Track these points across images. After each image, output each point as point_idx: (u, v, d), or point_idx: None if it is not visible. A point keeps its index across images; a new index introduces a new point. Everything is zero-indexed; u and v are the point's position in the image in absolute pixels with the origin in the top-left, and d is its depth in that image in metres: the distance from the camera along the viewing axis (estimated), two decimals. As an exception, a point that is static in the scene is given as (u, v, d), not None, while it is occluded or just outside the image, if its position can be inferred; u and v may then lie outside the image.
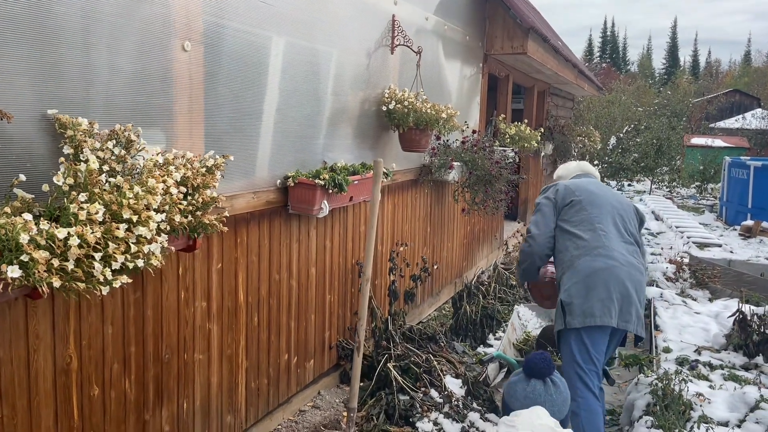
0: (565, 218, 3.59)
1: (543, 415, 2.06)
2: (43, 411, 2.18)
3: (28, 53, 1.96)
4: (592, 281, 3.32)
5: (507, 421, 2.11)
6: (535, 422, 2.02)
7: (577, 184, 3.71)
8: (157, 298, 2.63)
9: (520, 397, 2.15)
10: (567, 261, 3.48)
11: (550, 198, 3.68)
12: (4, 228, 1.59)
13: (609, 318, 3.25)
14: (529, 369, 2.16)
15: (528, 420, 2.04)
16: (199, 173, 2.27)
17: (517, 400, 2.15)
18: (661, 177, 20.25)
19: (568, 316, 3.30)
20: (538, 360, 2.17)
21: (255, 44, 3.04)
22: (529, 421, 2.03)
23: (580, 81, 10.23)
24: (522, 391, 2.13)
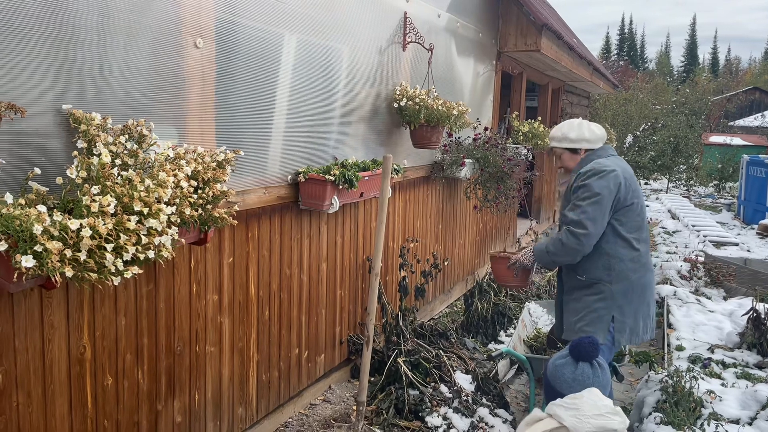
0: (622, 220, 3.24)
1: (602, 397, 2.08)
2: (58, 399, 2.23)
3: (44, 50, 2.01)
4: (642, 298, 3.31)
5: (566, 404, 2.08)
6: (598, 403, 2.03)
7: (628, 177, 3.29)
8: (170, 291, 2.68)
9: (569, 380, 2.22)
10: (620, 271, 3.24)
11: (611, 190, 3.18)
12: (18, 219, 1.64)
13: (646, 334, 3.37)
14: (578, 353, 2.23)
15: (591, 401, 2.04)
16: (209, 168, 2.31)
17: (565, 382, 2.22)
18: (678, 175, 20.07)
19: (618, 333, 3.24)
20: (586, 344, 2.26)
21: (266, 41, 3.08)
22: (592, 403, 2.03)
23: (595, 78, 10.18)
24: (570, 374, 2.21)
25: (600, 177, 3.18)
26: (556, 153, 3.53)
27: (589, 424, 1.92)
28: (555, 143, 3.48)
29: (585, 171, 3.25)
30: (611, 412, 2.00)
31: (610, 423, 1.94)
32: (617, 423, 1.96)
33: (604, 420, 1.93)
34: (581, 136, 3.37)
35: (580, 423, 1.95)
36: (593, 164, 3.28)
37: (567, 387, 2.19)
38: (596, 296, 3.29)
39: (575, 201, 3.24)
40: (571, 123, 3.44)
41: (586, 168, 3.28)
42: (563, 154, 3.48)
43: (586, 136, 3.37)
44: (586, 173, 3.24)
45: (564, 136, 3.42)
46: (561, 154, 3.49)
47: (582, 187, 3.22)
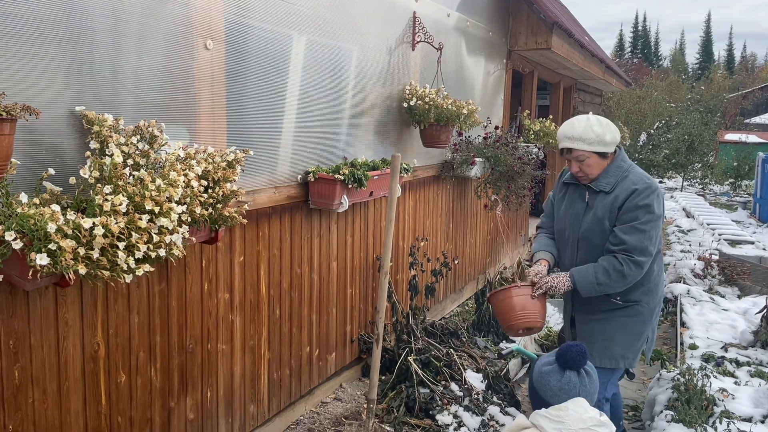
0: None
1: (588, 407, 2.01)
2: (73, 396, 2.27)
3: (58, 52, 2.05)
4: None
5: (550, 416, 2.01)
6: (584, 416, 1.96)
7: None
8: (181, 290, 2.72)
9: (554, 389, 2.14)
10: (653, 287, 3.01)
11: (661, 211, 2.88)
12: (33, 218, 1.68)
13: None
14: (565, 361, 2.12)
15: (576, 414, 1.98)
16: (219, 167, 2.35)
17: (550, 390, 2.14)
18: (693, 174, 19.90)
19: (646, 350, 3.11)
20: (573, 352, 2.11)
21: (276, 42, 3.11)
22: (577, 416, 1.96)
23: (607, 76, 10.13)
24: (557, 382, 2.12)
25: (658, 195, 2.85)
26: (579, 157, 2.89)
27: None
28: (583, 146, 2.86)
29: (642, 187, 2.81)
30: (597, 425, 1.94)
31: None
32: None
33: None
34: (615, 139, 2.90)
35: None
36: (640, 176, 2.88)
37: (552, 395, 2.12)
38: (633, 318, 2.98)
39: (637, 225, 2.79)
40: (599, 121, 2.90)
41: (640, 182, 2.84)
42: (590, 158, 2.88)
43: (617, 138, 2.93)
44: (646, 190, 2.81)
45: (599, 139, 2.84)
46: (587, 159, 2.88)
47: (644, 208, 2.80)
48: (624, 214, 2.83)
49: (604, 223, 2.88)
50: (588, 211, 2.95)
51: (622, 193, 2.85)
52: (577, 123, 2.89)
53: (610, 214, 2.87)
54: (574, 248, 3.02)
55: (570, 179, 3.08)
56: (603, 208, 2.89)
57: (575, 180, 3.03)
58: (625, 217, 2.83)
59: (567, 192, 3.11)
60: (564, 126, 2.95)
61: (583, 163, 2.91)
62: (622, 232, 2.82)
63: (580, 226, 2.98)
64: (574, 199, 3.04)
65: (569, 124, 2.93)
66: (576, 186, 3.05)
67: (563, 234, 3.09)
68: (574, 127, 2.88)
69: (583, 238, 2.96)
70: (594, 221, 2.91)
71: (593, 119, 2.90)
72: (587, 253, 2.96)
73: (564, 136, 2.92)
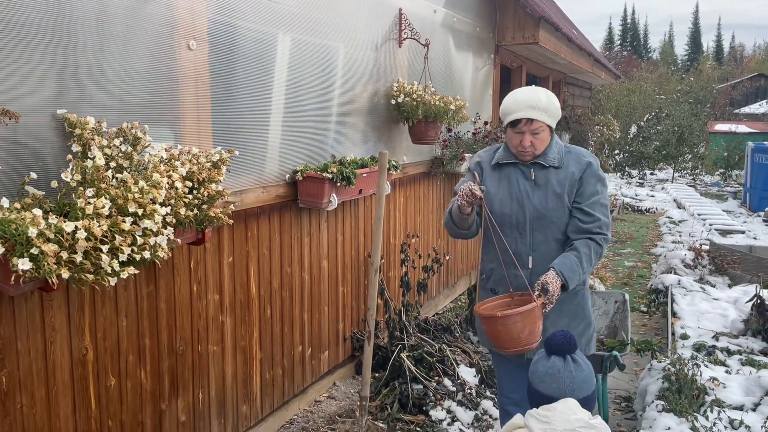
0: None
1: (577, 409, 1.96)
2: (62, 400, 2.26)
3: (39, 55, 2.04)
4: None
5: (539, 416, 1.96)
6: (571, 417, 1.91)
7: None
8: (170, 292, 2.71)
9: (541, 374, 2.14)
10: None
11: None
12: (14, 223, 1.66)
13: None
14: (549, 346, 2.16)
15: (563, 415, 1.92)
16: (204, 168, 2.34)
17: (537, 376, 2.15)
18: (683, 165, 19.99)
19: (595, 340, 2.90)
20: (558, 337, 2.14)
21: (261, 41, 3.10)
22: (564, 417, 1.91)
23: (596, 69, 10.15)
24: (543, 367, 2.13)
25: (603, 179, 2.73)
26: (537, 129, 2.59)
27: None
28: (546, 117, 2.59)
29: (594, 161, 2.71)
30: (584, 426, 1.89)
31: None
32: None
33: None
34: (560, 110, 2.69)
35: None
36: (582, 150, 2.76)
37: (539, 381, 2.11)
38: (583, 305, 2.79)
39: (601, 200, 2.67)
40: (546, 91, 2.65)
41: (588, 156, 2.72)
42: (545, 132, 2.62)
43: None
44: (596, 163, 2.71)
45: (557, 112, 2.63)
46: (542, 132, 2.61)
47: (601, 180, 2.69)
48: (585, 189, 2.64)
49: (564, 200, 2.64)
50: (537, 188, 2.66)
51: (577, 167, 2.65)
52: (541, 93, 2.60)
53: (570, 189, 2.64)
54: (526, 231, 2.67)
55: (506, 158, 2.71)
56: (560, 184, 2.64)
57: (512, 158, 2.70)
58: (588, 192, 2.64)
59: (502, 174, 2.73)
60: (523, 95, 2.59)
61: (538, 137, 2.60)
62: (591, 208, 2.63)
63: (532, 205, 2.65)
64: (516, 179, 2.69)
65: (531, 93, 2.59)
66: (513, 165, 2.70)
67: (507, 218, 2.69)
68: (539, 97, 2.56)
69: (537, 217, 2.65)
70: (552, 198, 2.64)
71: (539, 89, 2.63)
72: (545, 234, 2.67)
73: (527, 105, 2.55)
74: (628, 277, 7.54)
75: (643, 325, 5.79)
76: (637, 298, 6.58)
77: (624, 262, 8.38)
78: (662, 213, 12.75)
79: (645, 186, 18.31)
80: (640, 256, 8.77)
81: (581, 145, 10.66)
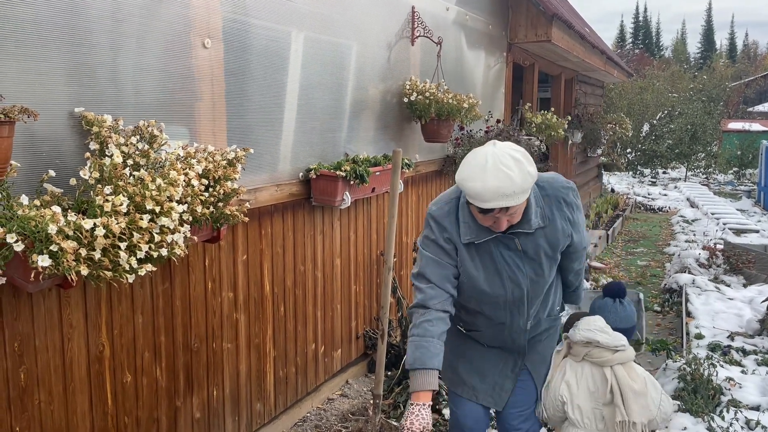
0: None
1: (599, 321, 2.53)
2: (79, 397, 2.28)
3: (57, 54, 2.05)
4: None
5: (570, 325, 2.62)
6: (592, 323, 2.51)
7: None
8: (185, 289, 2.72)
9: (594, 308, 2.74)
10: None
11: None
12: (34, 220, 1.68)
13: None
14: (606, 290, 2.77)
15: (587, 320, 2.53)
16: (220, 166, 2.34)
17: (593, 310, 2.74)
18: (696, 163, 19.84)
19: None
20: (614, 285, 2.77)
21: (275, 39, 3.10)
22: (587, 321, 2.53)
23: (608, 67, 10.09)
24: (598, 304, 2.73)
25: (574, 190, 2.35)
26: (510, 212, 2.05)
27: (580, 335, 2.45)
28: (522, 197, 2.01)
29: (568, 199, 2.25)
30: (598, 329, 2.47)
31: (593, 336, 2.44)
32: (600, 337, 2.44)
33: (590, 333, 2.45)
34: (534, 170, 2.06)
35: (574, 333, 2.48)
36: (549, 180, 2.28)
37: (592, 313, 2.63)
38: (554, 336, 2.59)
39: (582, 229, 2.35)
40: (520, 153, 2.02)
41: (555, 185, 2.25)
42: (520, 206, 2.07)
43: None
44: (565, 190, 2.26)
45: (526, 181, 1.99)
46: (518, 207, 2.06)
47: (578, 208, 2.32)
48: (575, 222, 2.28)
49: (557, 258, 2.29)
50: (528, 259, 2.22)
51: (561, 209, 2.23)
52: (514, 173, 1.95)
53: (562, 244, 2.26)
54: (524, 306, 2.30)
55: (480, 236, 2.17)
56: (552, 246, 2.22)
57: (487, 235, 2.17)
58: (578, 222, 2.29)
59: (477, 251, 2.20)
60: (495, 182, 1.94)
61: (513, 215, 2.09)
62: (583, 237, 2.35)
63: (527, 280, 2.24)
64: (500, 254, 2.20)
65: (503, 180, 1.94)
66: (493, 239, 2.19)
67: (501, 298, 2.27)
68: (513, 182, 1.95)
69: (533, 288, 2.27)
70: (545, 263, 2.24)
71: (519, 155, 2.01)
72: (539, 303, 2.34)
73: (500, 195, 1.95)
74: (641, 277, 7.49)
75: (657, 324, 5.75)
76: (650, 297, 6.54)
77: (637, 261, 8.32)
78: (675, 212, 12.66)
79: (657, 185, 18.19)
80: (653, 255, 8.71)
81: (593, 144, 10.61)
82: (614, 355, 2.45)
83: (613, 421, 2.41)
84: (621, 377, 2.43)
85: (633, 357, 2.52)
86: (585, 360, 2.47)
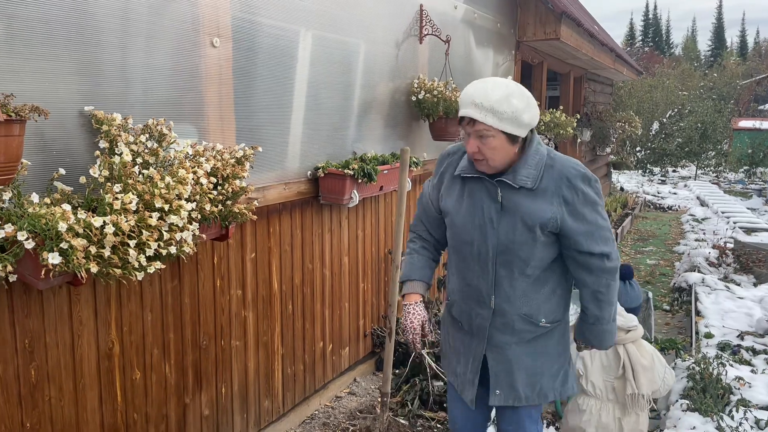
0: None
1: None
2: (88, 393, 2.30)
3: (67, 53, 2.07)
4: None
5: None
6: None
7: None
8: (194, 287, 2.73)
9: None
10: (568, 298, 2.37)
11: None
12: (44, 218, 1.69)
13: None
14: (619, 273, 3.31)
15: None
16: (228, 164, 2.35)
17: None
18: (707, 162, 19.71)
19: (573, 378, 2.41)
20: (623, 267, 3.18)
21: (283, 38, 3.11)
22: None
23: (618, 65, 10.04)
24: None
25: (595, 181, 2.15)
26: (481, 132, 2.02)
27: None
28: (492, 119, 1.99)
29: (584, 175, 2.12)
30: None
31: None
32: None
33: None
34: (533, 121, 2.06)
35: None
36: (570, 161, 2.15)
37: None
38: (561, 340, 2.32)
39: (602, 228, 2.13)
40: (522, 92, 2.04)
41: (578, 167, 2.13)
42: (495, 139, 2.02)
43: (534, 122, 2.08)
44: (588, 179, 2.13)
45: (514, 115, 1.99)
46: (490, 138, 2.02)
47: (596, 204, 2.14)
48: (576, 213, 2.10)
49: (536, 232, 2.10)
50: (504, 215, 2.12)
51: (554, 187, 2.09)
52: (493, 88, 1.99)
53: (550, 222, 2.09)
54: (488, 266, 2.18)
55: (468, 171, 2.18)
56: (532, 215, 2.09)
57: (475, 171, 2.16)
58: (582, 215, 2.10)
59: (465, 188, 2.21)
60: (473, 87, 2.03)
61: (485, 143, 2.03)
62: (591, 239, 2.11)
63: (497, 236, 2.13)
64: (481, 199, 2.16)
65: (482, 86, 2.01)
66: (479, 180, 2.17)
67: (468, 247, 2.21)
68: (487, 92, 1.98)
69: (502, 251, 2.14)
70: (520, 229, 2.11)
71: (514, 87, 2.02)
72: (509, 270, 2.17)
73: (470, 101, 2.00)
74: (650, 275, 7.45)
75: (666, 324, 5.73)
76: (659, 296, 6.51)
77: (646, 260, 8.28)
78: (685, 210, 12.60)
79: (667, 183, 18.09)
80: (663, 254, 8.67)
81: (602, 142, 10.55)
82: (627, 335, 2.77)
83: (623, 393, 2.72)
84: (632, 354, 2.74)
85: (642, 335, 2.82)
86: None
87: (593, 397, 2.80)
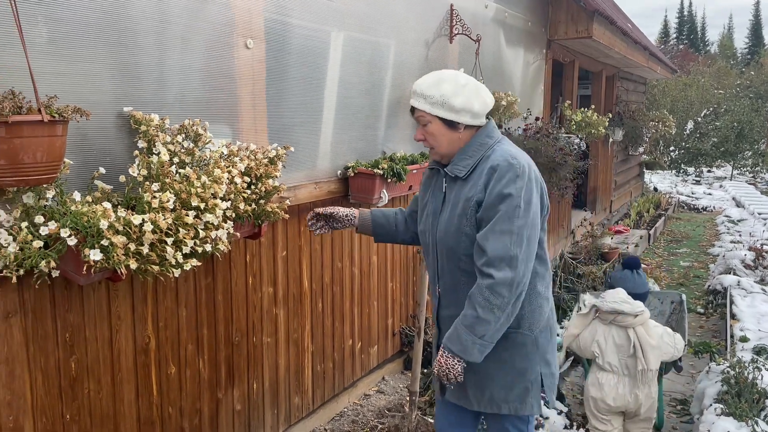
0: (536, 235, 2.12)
1: (622, 293, 3.32)
2: (125, 386, 2.36)
3: (106, 55, 2.13)
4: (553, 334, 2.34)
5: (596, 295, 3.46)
6: (616, 296, 3.29)
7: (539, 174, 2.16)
8: (227, 284, 2.79)
9: (615, 278, 3.65)
10: (538, 307, 2.19)
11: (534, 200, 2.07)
12: (86, 215, 1.75)
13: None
14: (625, 263, 3.68)
15: (612, 293, 3.33)
16: (261, 164, 2.40)
17: (614, 279, 3.67)
18: (743, 162, 19.27)
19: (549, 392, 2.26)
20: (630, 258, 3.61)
21: (315, 39, 3.15)
22: (612, 293, 3.32)
23: (651, 64, 9.88)
24: (618, 274, 3.68)
25: (525, 177, 2.02)
26: (421, 119, 2.15)
27: (608, 306, 3.22)
28: (424, 104, 2.11)
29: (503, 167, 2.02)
30: (623, 301, 3.25)
31: (620, 307, 3.20)
32: (625, 307, 3.21)
33: (617, 305, 3.21)
34: (467, 106, 2.07)
35: (602, 304, 3.25)
36: (504, 154, 2.07)
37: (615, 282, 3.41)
38: (512, 351, 2.17)
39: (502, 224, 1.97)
40: (456, 79, 2.09)
41: (501, 161, 2.04)
42: (432, 124, 2.12)
43: (475, 108, 2.08)
44: (507, 172, 2.01)
45: (443, 100, 2.06)
46: (429, 123, 2.13)
47: (506, 198, 1.99)
48: (485, 210, 2.02)
49: (461, 224, 2.08)
50: (447, 204, 2.17)
51: (479, 179, 2.06)
52: (428, 76, 2.13)
53: (468, 211, 2.06)
54: (435, 257, 2.21)
55: (432, 163, 2.29)
56: (460, 204, 2.10)
57: (434, 163, 2.27)
58: (486, 215, 2.02)
59: (431, 180, 2.31)
60: (423, 77, 2.18)
61: (426, 130, 2.13)
62: (483, 238, 2.00)
63: (437, 226, 2.18)
64: (435, 189, 2.25)
65: (425, 77, 2.16)
66: (437, 171, 2.26)
67: (423, 237, 2.29)
68: (422, 80, 2.13)
69: (440, 241, 2.16)
70: (453, 219, 2.11)
71: (448, 74, 2.11)
72: (449, 262, 2.16)
73: (413, 90, 2.16)
74: (683, 278, 7.33)
75: (700, 326, 5.63)
76: (693, 299, 6.40)
77: (680, 262, 8.15)
78: (720, 212, 12.34)
79: (702, 184, 17.74)
80: (697, 256, 8.51)
81: (635, 141, 10.39)
82: (635, 319, 3.22)
83: (635, 369, 3.22)
84: (641, 335, 3.21)
85: (648, 317, 3.28)
86: (612, 324, 3.27)
87: (610, 372, 3.27)
